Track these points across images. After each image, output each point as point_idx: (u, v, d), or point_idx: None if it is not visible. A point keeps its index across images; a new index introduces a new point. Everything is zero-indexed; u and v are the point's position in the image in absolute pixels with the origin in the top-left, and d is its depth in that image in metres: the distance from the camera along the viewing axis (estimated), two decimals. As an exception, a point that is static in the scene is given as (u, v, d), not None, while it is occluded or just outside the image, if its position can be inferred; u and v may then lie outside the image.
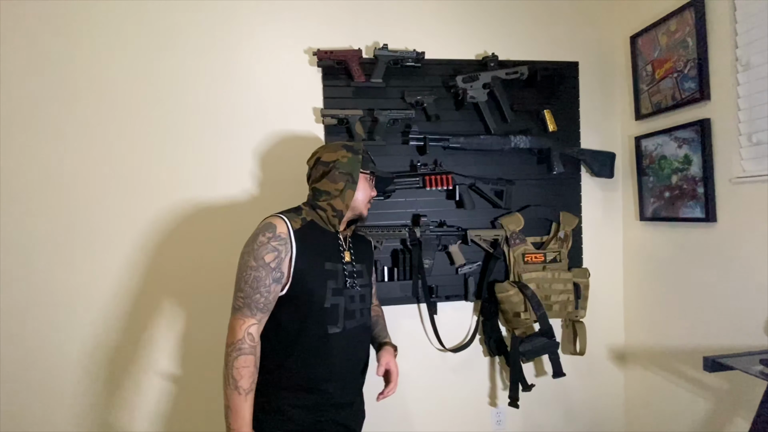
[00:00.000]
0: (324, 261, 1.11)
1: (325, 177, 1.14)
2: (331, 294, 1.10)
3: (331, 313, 1.09)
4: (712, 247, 1.40)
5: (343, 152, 1.14)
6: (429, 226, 1.58)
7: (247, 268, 1.02)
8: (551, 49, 1.72)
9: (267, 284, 1.02)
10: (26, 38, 1.44)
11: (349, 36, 1.60)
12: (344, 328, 1.11)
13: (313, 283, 1.08)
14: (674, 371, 1.56)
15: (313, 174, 1.18)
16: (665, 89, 1.53)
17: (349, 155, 1.14)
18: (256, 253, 1.02)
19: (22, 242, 1.44)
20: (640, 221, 1.67)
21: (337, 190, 1.12)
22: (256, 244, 1.03)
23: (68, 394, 1.47)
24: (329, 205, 1.13)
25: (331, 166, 1.13)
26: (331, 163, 1.13)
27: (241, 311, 1.02)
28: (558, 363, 1.57)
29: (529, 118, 1.69)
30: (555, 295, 1.60)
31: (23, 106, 1.44)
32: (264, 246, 1.03)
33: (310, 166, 1.19)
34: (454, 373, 1.70)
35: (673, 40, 1.48)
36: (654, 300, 1.64)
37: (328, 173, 1.13)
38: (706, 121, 1.38)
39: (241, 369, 0.98)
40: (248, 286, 1.01)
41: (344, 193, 1.12)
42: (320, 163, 1.15)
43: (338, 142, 1.18)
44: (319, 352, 1.08)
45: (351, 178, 1.13)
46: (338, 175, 1.12)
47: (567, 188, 1.73)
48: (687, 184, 1.46)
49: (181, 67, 1.51)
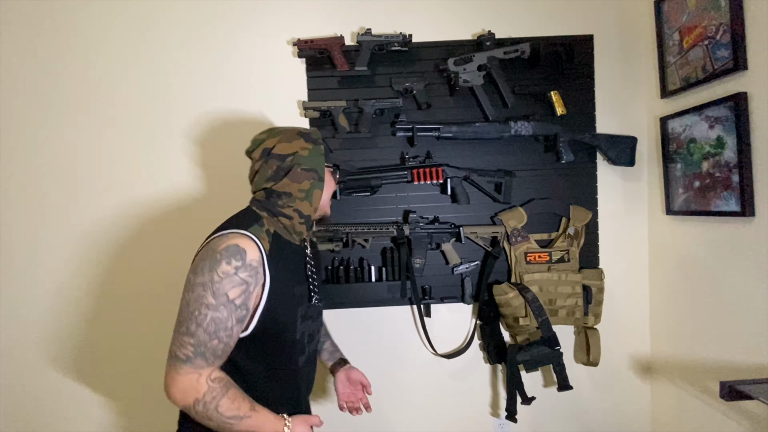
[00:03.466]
0: (293, 285, 0.95)
1: (285, 176, 0.94)
2: (300, 322, 0.96)
3: (300, 342, 0.97)
4: (750, 246, 1.17)
5: (302, 142, 0.95)
6: (419, 223, 1.48)
7: (200, 306, 0.79)
8: (561, 22, 1.52)
9: (228, 327, 0.81)
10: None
11: (336, 23, 1.51)
12: (308, 353, 1.01)
13: (285, 316, 0.92)
14: (705, 388, 1.34)
15: (263, 170, 0.95)
16: (695, 60, 1.30)
17: (310, 146, 0.96)
18: (216, 286, 0.79)
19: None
20: (667, 215, 1.45)
21: (302, 191, 0.94)
22: (217, 274, 0.79)
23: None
24: (295, 212, 0.95)
25: (289, 162, 0.94)
26: (288, 157, 0.94)
27: (191, 362, 0.79)
28: (563, 375, 1.41)
29: (534, 102, 1.51)
30: (561, 299, 1.43)
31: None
32: (229, 278, 0.80)
33: (255, 158, 0.97)
34: (452, 380, 1.58)
35: (703, 1, 1.25)
36: (683, 305, 1.42)
37: (289, 171, 0.94)
38: (742, 95, 1.14)
39: (230, 409, 0.81)
40: (202, 330, 0.79)
41: (311, 194, 0.95)
42: (273, 158, 0.94)
43: (290, 128, 1.00)
44: (287, 387, 0.97)
45: (317, 175, 0.95)
46: (301, 172, 0.94)
47: (580, 179, 1.54)
48: (720, 171, 1.23)
49: (161, 61, 1.50)
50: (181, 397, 0.80)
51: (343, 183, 1.44)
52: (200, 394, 0.80)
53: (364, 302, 1.52)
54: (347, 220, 1.52)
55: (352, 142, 1.51)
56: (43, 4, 1.49)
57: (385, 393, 1.57)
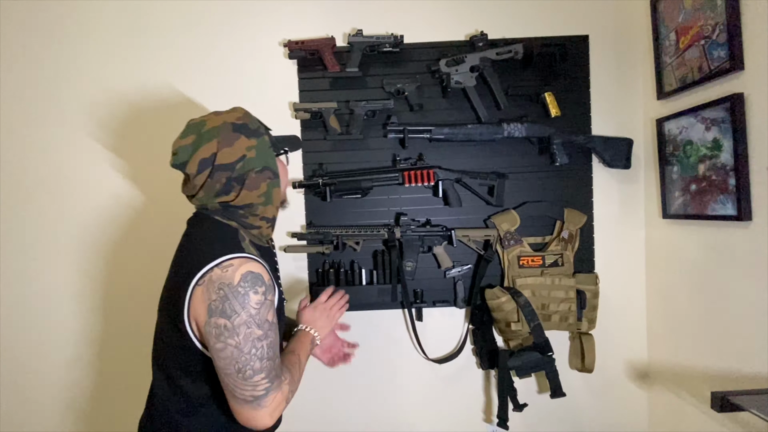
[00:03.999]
0: (279, 289, 0.95)
1: (233, 188, 0.83)
2: (282, 315, 0.98)
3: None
4: (747, 251, 1.13)
5: (244, 141, 0.83)
6: (410, 226, 1.46)
7: (254, 343, 0.76)
8: (555, 23, 1.50)
9: (278, 343, 0.82)
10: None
11: (327, 24, 1.50)
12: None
13: (280, 319, 0.92)
14: (704, 397, 1.31)
15: (210, 185, 0.83)
16: (691, 60, 1.27)
17: (254, 142, 0.84)
18: (257, 319, 0.76)
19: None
20: (664, 219, 1.42)
21: (262, 196, 0.86)
22: (252, 308, 0.76)
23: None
24: (262, 219, 0.88)
25: (240, 169, 0.83)
26: (237, 165, 0.82)
27: (272, 389, 0.78)
28: (557, 381, 1.38)
29: (527, 103, 1.49)
30: (554, 304, 1.40)
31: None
32: (263, 305, 0.78)
33: (192, 173, 0.82)
34: (445, 385, 1.56)
35: (700, 0, 1.22)
36: (681, 311, 1.38)
37: (243, 181, 0.83)
38: (739, 96, 1.11)
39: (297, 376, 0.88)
40: (266, 360, 0.77)
41: (271, 195, 0.87)
42: (218, 169, 0.81)
43: (217, 120, 0.84)
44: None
45: (271, 172, 0.87)
46: (256, 177, 0.84)
47: (575, 182, 1.51)
48: (716, 174, 1.20)
49: (151, 62, 1.50)
50: (275, 417, 0.80)
51: (334, 185, 1.43)
52: (286, 398, 0.82)
53: (355, 305, 1.49)
54: (338, 222, 1.50)
55: (343, 144, 1.49)
56: (35, 9, 1.49)
57: (376, 398, 1.55)
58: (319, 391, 1.55)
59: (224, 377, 0.77)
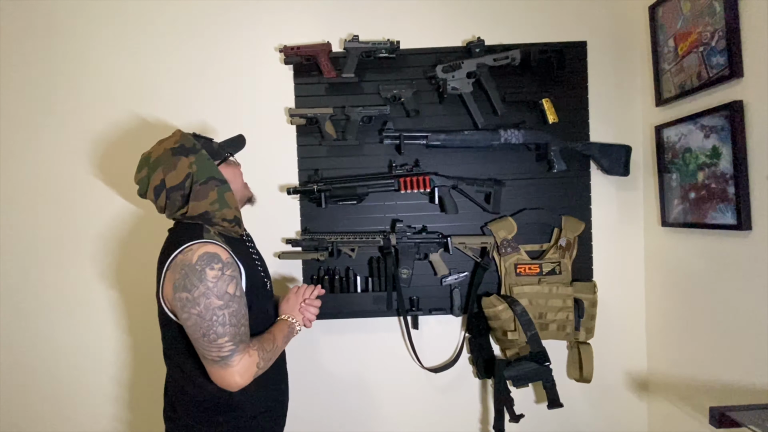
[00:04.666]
0: (256, 272, 1.05)
1: (189, 201, 0.92)
2: (267, 301, 1.08)
3: (272, 318, 1.09)
4: (747, 261, 1.11)
5: (184, 160, 0.92)
6: (406, 233, 1.44)
7: (213, 311, 0.85)
8: (553, 28, 1.49)
9: (243, 314, 0.91)
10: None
11: (323, 29, 1.50)
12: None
13: (260, 301, 1.03)
14: (704, 409, 1.28)
15: (170, 205, 0.95)
16: (690, 67, 1.25)
17: (193, 159, 0.93)
18: (215, 290, 0.86)
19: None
20: (663, 227, 1.40)
21: (214, 202, 0.94)
22: (208, 281, 0.86)
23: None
24: (224, 221, 0.97)
25: (188, 187, 0.92)
26: (184, 183, 0.92)
27: (237, 351, 0.87)
28: (554, 392, 1.36)
29: (525, 110, 1.48)
30: (552, 313, 1.38)
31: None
32: (220, 279, 0.87)
33: (153, 198, 0.95)
34: (441, 395, 1.54)
35: (698, 6, 1.21)
36: (681, 321, 1.36)
37: (190, 195, 0.92)
38: (738, 103, 1.10)
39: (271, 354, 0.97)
40: (228, 326, 0.86)
41: (224, 198, 0.95)
42: (172, 191, 0.92)
43: (159, 149, 0.95)
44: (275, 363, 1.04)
45: (216, 180, 0.94)
46: (201, 188, 0.92)
47: (573, 189, 1.50)
48: (716, 182, 1.18)
49: (147, 67, 1.49)
50: (246, 378, 0.89)
51: (329, 191, 1.42)
52: (256, 364, 0.91)
53: (350, 313, 1.48)
54: (333, 228, 1.49)
55: (339, 150, 1.48)
56: (33, 14, 1.49)
57: (370, 407, 1.53)
58: (312, 397, 1.53)
59: (195, 343, 0.88)
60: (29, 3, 1.49)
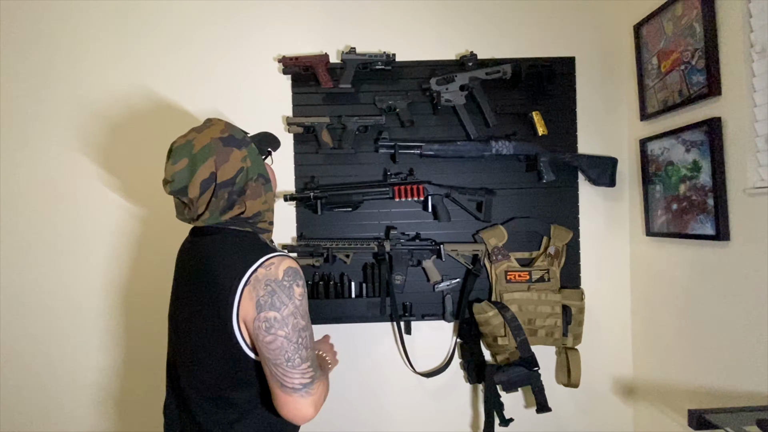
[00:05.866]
0: None
1: (237, 202, 0.85)
2: None
3: None
4: (725, 271, 1.17)
5: (237, 152, 0.84)
6: (400, 240, 1.48)
7: (299, 332, 0.80)
8: (543, 44, 1.55)
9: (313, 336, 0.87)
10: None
11: (321, 41, 1.54)
12: None
13: None
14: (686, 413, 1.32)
15: (214, 204, 0.84)
16: (672, 84, 1.31)
17: (246, 152, 0.86)
18: (301, 309, 0.81)
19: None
20: (647, 236, 1.45)
21: (265, 202, 0.90)
22: (296, 299, 0.81)
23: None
24: (270, 224, 0.93)
25: (241, 183, 0.85)
26: (236, 178, 0.84)
27: (317, 378, 0.83)
28: (542, 397, 1.39)
29: (516, 122, 1.53)
30: (540, 319, 1.42)
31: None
32: (304, 297, 0.83)
33: (197, 194, 0.82)
34: (433, 399, 1.56)
35: (680, 27, 1.27)
36: (665, 327, 1.41)
37: (242, 195, 0.86)
38: (716, 120, 1.16)
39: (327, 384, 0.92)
40: (309, 349, 0.82)
41: (268, 198, 0.91)
42: (222, 187, 0.83)
43: (207, 136, 0.84)
44: None
45: (263, 178, 0.90)
46: (255, 186, 0.87)
47: (562, 198, 1.54)
48: (696, 194, 1.24)
49: (146, 76, 1.52)
50: (318, 408, 0.83)
51: (325, 198, 1.45)
52: (326, 395, 0.86)
53: (344, 318, 1.51)
54: (329, 235, 1.52)
55: (335, 158, 1.52)
56: (30, 20, 1.51)
57: (362, 411, 1.55)
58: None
59: (273, 369, 0.79)
60: (28, 8, 1.51)
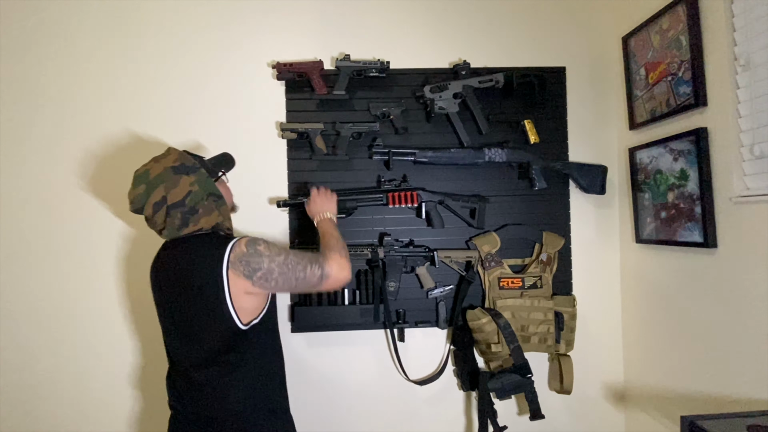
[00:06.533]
0: None
1: (191, 220, 0.99)
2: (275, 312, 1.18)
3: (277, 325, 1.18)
4: (712, 278, 1.19)
5: (185, 179, 0.99)
6: (393, 246, 1.47)
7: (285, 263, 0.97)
8: (535, 54, 1.58)
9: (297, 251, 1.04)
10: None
11: (316, 47, 1.54)
12: None
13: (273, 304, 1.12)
14: (677, 419, 1.34)
15: (170, 223, 0.98)
16: (660, 95, 1.35)
17: (194, 178, 1.00)
18: (273, 252, 0.97)
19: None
20: (637, 243, 1.47)
21: (219, 215, 1.05)
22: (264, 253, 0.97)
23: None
24: (227, 229, 1.10)
25: (192, 204, 0.99)
26: (185, 200, 0.98)
27: (323, 262, 1.01)
28: (536, 403, 1.40)
29: (509, 130, 1.55)
30: (533, 326, 1.43)
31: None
32: (267, 245, 0.99)
33: (150, 215, 0.98)
34: (426, 406, 1.55)
35: (666, 40, 1.30)
36: (655, 334, 1.43)
37: (194, 213, 0.99)
38: (702, 130, 1.19)
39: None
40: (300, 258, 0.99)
41: (222, 212, 1.06)
42: (173, 208, 0.97)
43: (159, 167, 0.98)
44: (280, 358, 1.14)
45: (215, 196, 1.04)
46: (206, 206, 1.01)
47: (554, 205, 1.56)
48: (684, 202, 1.26)
49: (140, 81, 1.51)
50: (346, 268, 1.02)
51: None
52: (341, 257, 1.03)
53: (337, 325, 1.49)
54: (322, 241, 1.51)
55: (329, 164, 1.52)
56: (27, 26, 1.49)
57: (357, 419, 1.53)
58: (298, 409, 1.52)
59: (298, 290, 1.07)
60: (25, 16, 1.49)
